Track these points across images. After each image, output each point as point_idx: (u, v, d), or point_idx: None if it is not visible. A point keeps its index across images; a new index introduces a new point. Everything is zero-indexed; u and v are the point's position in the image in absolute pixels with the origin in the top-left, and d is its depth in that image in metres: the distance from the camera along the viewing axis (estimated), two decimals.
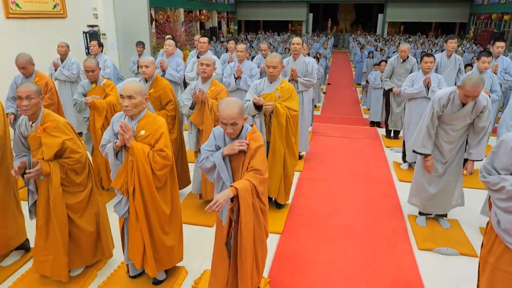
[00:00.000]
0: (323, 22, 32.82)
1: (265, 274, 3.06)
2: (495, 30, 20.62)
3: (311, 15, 30.50)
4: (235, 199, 2.21)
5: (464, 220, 3.87)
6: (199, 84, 3.92)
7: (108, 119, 3.90)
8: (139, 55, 6.81)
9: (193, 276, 3.05)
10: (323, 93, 11.62)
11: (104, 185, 4.20)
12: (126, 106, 2.50)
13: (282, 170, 3.79)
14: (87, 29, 8.13)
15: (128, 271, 2.95)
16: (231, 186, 2.21)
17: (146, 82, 3.96)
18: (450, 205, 3.67)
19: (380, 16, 29.35)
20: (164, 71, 5.39)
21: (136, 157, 2.50)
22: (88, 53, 7.63)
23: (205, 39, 5.73)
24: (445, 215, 3.81)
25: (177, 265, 3.00)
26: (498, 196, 2.12)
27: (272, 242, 3.47)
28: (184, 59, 7.96)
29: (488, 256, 2.24)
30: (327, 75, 14.48)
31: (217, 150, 2.46)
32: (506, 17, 20.04)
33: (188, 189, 4.41)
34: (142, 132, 2.56)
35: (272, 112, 3.65)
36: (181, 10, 17.60)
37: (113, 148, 2.58)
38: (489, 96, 4.47)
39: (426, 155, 3.44)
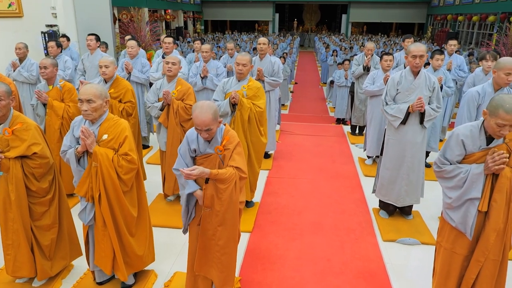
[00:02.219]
0: (289, 22, 33.26)
1: (236, 272, 3.07)
2: (451, 30, 21.69)
3: (277, 15, 30.81)
4: (210, 182, 2.31)
5: (425, 211, 4.06)
6: (165, 83, 3.88)
7: (66, 119, 3.77)
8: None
9: (163, 278, 3.02)
10: (291, 92, 11.77)
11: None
12: (86, 111, 2.42)
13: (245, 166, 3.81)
14: (45, 29, 7.81)
15: (94, 278, 2.88)
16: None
17: (106, 83, 3.87)
18: (412, 198, 3.82)
19: (344, 16, 30.12)
20: (129, 73, 5.27)
21: (100, 163, 2.44)
22: (47, 54, 7.33)
23: (170, 39, 5.66)
24: (409, 207, 3.97)
25: (146, 268, 2.96)
26: (447, 184, 2.37)
27: (242, 240, 3.48)
28: (149, 59, 7.83)
29: (442, 241, 2.46)
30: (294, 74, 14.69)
31: (194, 153, 2.46)
32: (460, 17, 21.15)
33: (156, 191, 4.35)
34: (105, 137, 2.50)
35: (236, 104, 3.67)
36: (146, 9, 17.27)
37: (74, 154, 2.51)
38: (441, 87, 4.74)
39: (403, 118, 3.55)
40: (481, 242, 2.28)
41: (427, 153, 5.21)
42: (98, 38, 5.73)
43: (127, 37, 7.08)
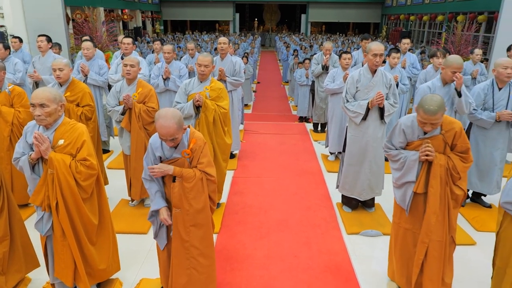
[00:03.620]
0: (250, 22, 33.39)
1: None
2: (404, 29, 22.70)
3: (237, 15, 30.82)
4: (177, 181, 2.33)
5: (386, 204, 4.22)
6: (125, 86, 3.77)
7: (16, 126, 3.57)
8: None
9: (128, 286, 2.93)
10: (254, 91, 11.82)
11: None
12: (39, 116, 2.30)
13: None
14: None
15: None
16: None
17: (61, 86, 3.70)
18: (375, 191, 3.96)
19: (303, 16, 30.68)
20: (86, 76, 5.06)
21: (56, 170, 2.32)
22: None
23: (129, 40, 5.51)
24: (371, 200, 4.10)
25: (112, 277, 2.86)
26: (392, 166, 2.70)
27: None
28: (107, 61, 7.57)
29: (394, 217, 2.81)
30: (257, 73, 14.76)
31: (159, 161, 2.42)
32: (412, 17, 22.20)
33: (118, 196, 4.22)
34: (61, 142, 2.38)
35: (200, 106, 3.64)
36: (101, 9, 16.68)
37: (28, 161, 2.37)
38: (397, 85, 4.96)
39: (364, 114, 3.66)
40: (424, 224, 2.54)
41: None
42: (49, 39, 5.46)
43: (84, 37, 6.79)
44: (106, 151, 5.55)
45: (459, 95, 3.53)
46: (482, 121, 3.76)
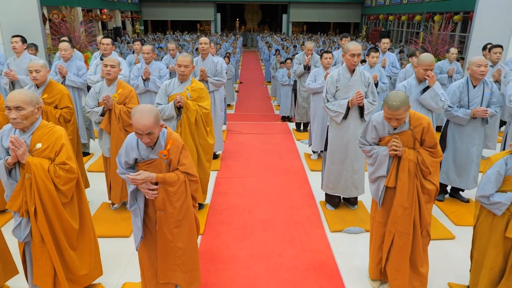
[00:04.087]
0: (231, 22, 33.33)
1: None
2: (383, 29, 23.10)
3: (219, 15, 30.72)
4: (159, 185, 2.29)
5: (368, 201, 4.27)
6: (104, 87, 3.71)
7: None
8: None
9: None
10: (236, 91, 11.81)
11: None
12: (15, 119, 2.24)
13: (196, 169, 3.76)
14: None
15: None
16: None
17: (38, 88, 3.62)
18: (358, 189, 4.01)
19: (284, 16, 30.82)
20: (64, 77, 4.95)
21: (34, 174, 2.27)
22: None
23: (108, 40, 5.43)
24: (354, 198, 4.15)
25: (94, 282, 2.81)
26: (368, 161, 2.78)
27: None
28: (86, 61, 7.42)
29: (371, 213, 2.90)
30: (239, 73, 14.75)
31: (134, 163, 2.37)
32: (390, 17, 22.61)
33: (99, 200, 4.15)
34: (39, 145, 2.32)
35: (182, 107, 3.62)
36: (79, 9, 16.34)
37: (4, 166, 2.30)
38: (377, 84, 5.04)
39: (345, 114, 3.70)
40: (391, 215, 2.67)
41: None
42: (24, 40, 5.32)
43: (62, 38, 6.63)
44: (86, 153, 5.44)
45: (422, 92, 3.62)
46: (458, 118, 3.87)
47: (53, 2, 14.15)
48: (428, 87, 3.59)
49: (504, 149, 4.07)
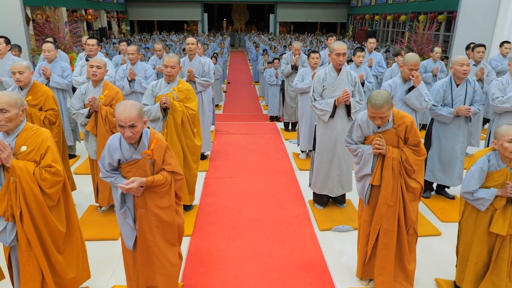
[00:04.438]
0: (219, 22, 33.24)
1: (178, 278, 3.02)
2: (369, 29, 23.34)
3: (205, 15, 30.59)
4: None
5: (356, 199, 4.32)
6: (90, 88, 3.67)
7: None
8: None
9: None
10: (224, 92, 11.79)
11: None
12: None
13: (182, 170, 3.73)
14: None
15: None
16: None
17: (22, 90, 3.56)
18: (346, 188, 4.05)
19: (271, 16, 30.88)
20: (48, 79, 4.87)
21: (19, 177, 2.23)
22: None
23: (94, 41, 5.36)
24: (342, 196, 4.19)
25: (81, 286, 2.77)
26: (354, 160, 2.83)
27: (183, 244, 3.41)
28: (71, 62, 7.32)
29: (359, 211, 2.94)
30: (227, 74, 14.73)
31: (117, 165, 2.35)
32: (376, 17, 22.85)
33: (87, 203, 4.10)
34: (24, 148, 2.29)
35: (168, 108, 3.60)
36: (63, 9, 16.09)
37: None
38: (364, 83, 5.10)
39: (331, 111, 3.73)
40: (376, 212, 2.71)
41: None
42: (8, 41, 5.22)
43: (48, 39, 6.52)
44: (72, 156, 5.37)
45: (407, 92, 3.68)
46: (442, 117, 3.94)
47: (36, 2, 13.91)
48: (413, 87, 3.65)
49: (488, 146, 4.16)
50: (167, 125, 3.62)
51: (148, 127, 2.39)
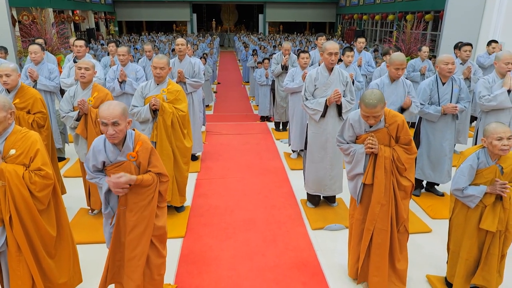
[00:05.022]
0: (208, 23, 33.15)
1: (171, 280, 3.01)
2: (357, 29, 23.52)
3: (194, 15, 30.50)
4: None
5: (348, 197, 4.34)
6: (79, 90, 3.62)
7: None
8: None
9: None
10: (214, 92, 11.76)
11: None
12: None
13: (173, 171, 3.73)
14: None
15: None
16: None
17: (9, 93, 3.50)
18: (337, 187, 4.07)
19: (260, 16, 30.91)
20: (35, 81, 4.79)
21: (8, 181, 2.20)
22: None
23: (81, 42, 5.30)
24: (333, 195, 4.22)
25: None
26: (346, 159, 2.85)
27: (176, 246, 3.42)
28: (59, 64, 7.23)
29: (350, 210, 2.95)
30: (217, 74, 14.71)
31: (102, 167, 2.33)
32: (365, 17, 23.04)
33: (77, 206, 4.05)
34: (12, 152, 2.25)
35: (158, 110, 3.58)
36: (50, 10, 15.88)
37: None
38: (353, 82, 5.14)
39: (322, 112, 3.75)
40: (369, 212, 2.70)
41: None
42: None
43: (37, 40, 6.42)
44: (61, 158, 5.30)
45: (402, 111, 3.74)
46: (430, 115, 3.99)
47: (22, 3, 13.70)
48: (405, 109, 3.73)
49: (476, 144, 4.23)
50: (157, 126, 3.60)
51: (133, 129, 2.38)
